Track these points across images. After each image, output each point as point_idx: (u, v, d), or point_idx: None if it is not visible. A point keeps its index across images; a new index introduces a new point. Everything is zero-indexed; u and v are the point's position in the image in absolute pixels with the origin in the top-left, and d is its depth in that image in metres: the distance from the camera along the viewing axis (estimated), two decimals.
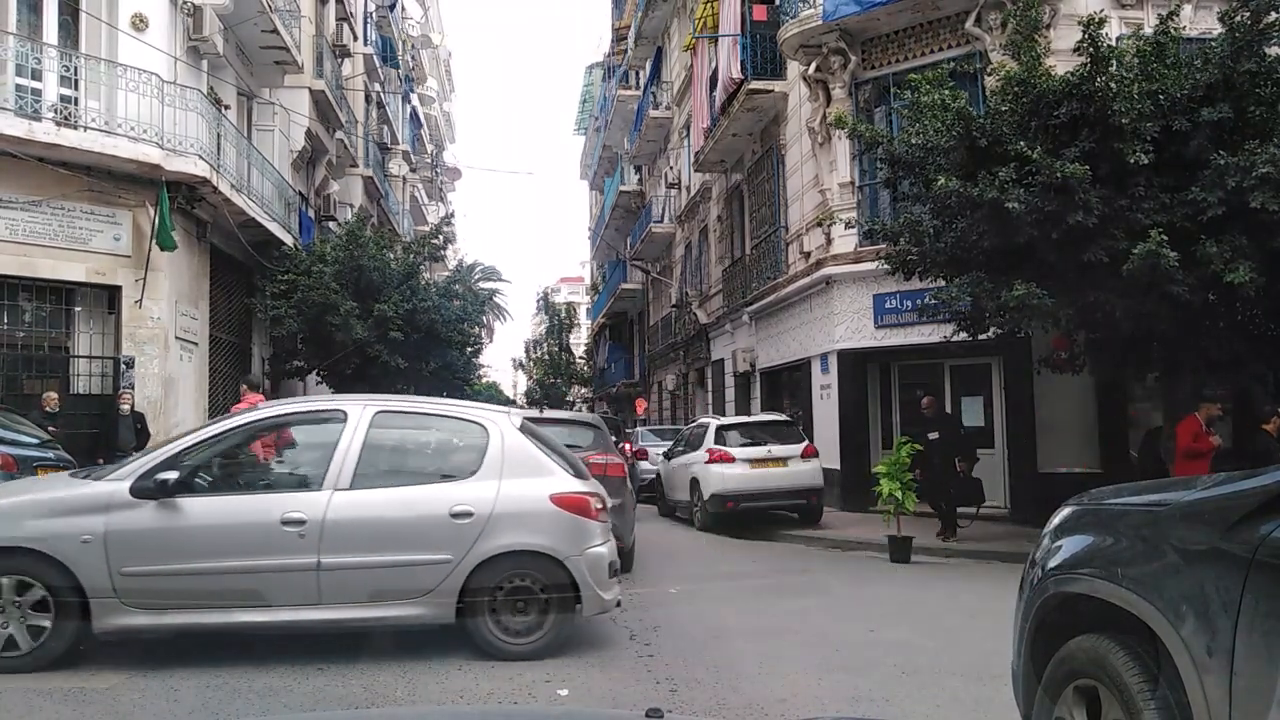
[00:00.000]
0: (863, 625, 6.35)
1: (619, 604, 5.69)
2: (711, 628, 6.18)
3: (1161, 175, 9.00)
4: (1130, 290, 9.02)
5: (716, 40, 19.60)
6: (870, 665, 5.19)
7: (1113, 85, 8.85)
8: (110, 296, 13.09)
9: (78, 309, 12.99)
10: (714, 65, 20.18)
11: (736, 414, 19.11)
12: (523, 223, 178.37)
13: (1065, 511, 3.16)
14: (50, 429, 10.39)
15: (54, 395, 11.55)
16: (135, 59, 12.80)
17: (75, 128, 12.29)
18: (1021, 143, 9.12)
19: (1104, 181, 8.99)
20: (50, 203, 12.31)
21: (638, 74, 33.68)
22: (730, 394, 21.50)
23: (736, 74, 17.42)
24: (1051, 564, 2.97)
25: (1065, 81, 9.28)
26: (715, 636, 5.93)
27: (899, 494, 9.67)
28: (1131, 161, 8.70)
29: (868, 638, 5.96)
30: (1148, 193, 8.96)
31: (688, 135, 25.17)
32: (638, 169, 35.05)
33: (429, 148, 45.50)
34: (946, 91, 10.14)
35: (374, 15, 29.46)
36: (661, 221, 29.27)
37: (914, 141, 9.84)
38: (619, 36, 36.17)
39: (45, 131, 11.90)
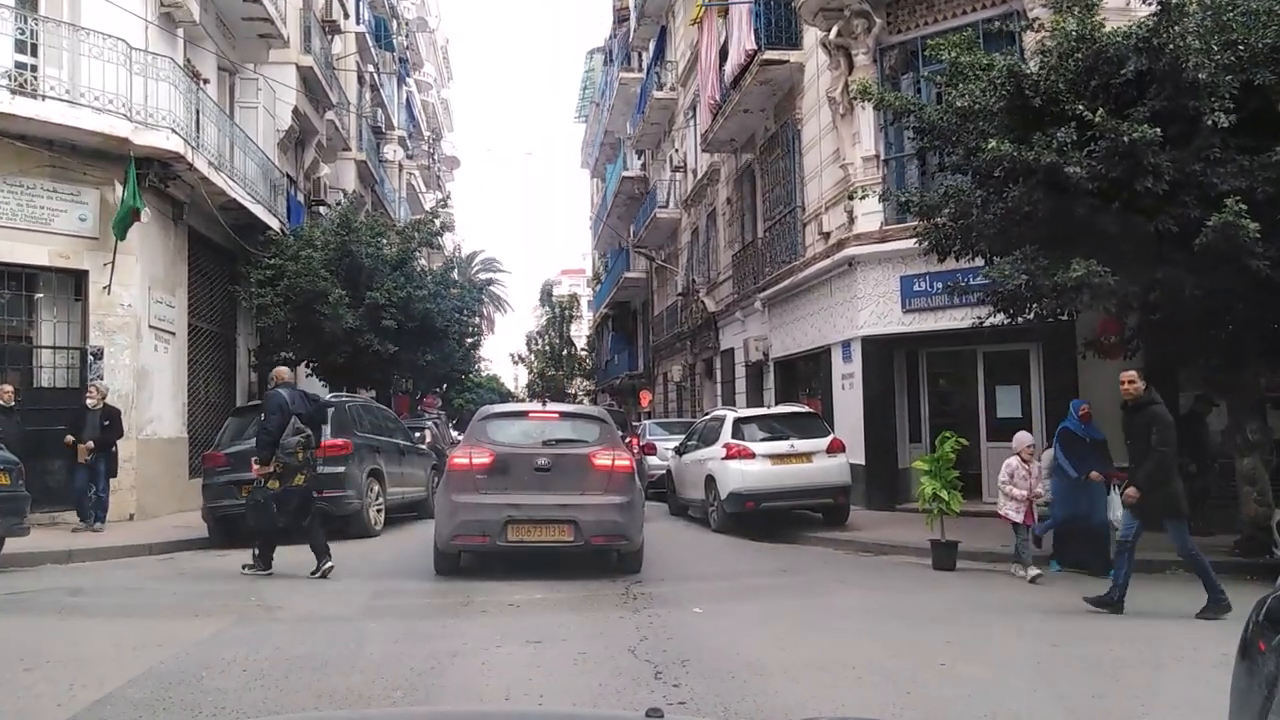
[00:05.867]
0: (927, 656, 5.36)
1: None
2: (749, 661, 5.18)
3: (1239, 136, 7.99)
4: (1201, 265, 8.05)
5: (726, 11, 18.58)
6: (957, 717, 4.21)
7: (1188, 37, 7.83)
8: (76, 282, 12.11)
9: (40, 295, 12.02)
10: (723, 38, 19.16)
11: (748, 406, 18.13)
12: (523, 214, 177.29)
13: None
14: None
15: (9, 388, 10.56)
16: (100, 23, 11.78)
17: (34, 97, 11.31)
18: (1081, 104, 8.12)
19: (1175, 143, 8.00)
20: (7, 179, 11.34)
21: (640, 55, 32.70)
22: (741, 385, 20.52)
23: (750, 44, 16.39)
24: None
25: (1130, 34, 8.29)
26: (756, 673, 4.94)
27: (944, 494, 8.69)
28: (1210, 122, 7.69)
29: (940, 674, 4.98)
30: (1224, 155, 7.95)
31: (694, 116, 24.21)
32: (640, 154, 34.06)
33: (426, 135, 44.44)
34: (984, 54, 9.21)
35: None
36: (666, 206, 28.29)
37: (959, 104, 8.81)
38: (620, 18, 35.14)
39: (1, 101, 10.91)
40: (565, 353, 55.00)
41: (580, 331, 59.99)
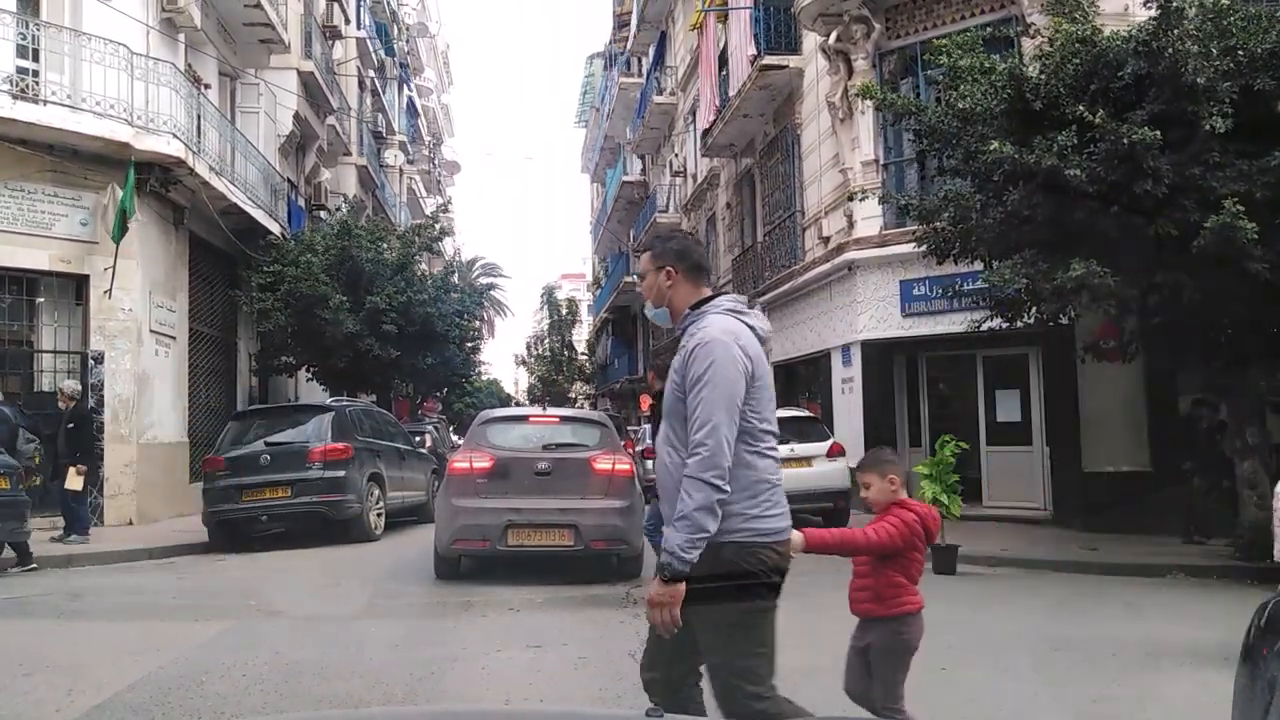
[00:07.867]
0: (928, 660, 5.31)
1: None
2: None
3: (1238, 141, 8.00)
4: (1200, 268, 8.06)
5: (726, 17, 18.62)
6: None
7: (1186, 41, 7.84)
8: (77, 286, 12.12)
9: (40, 300, 12.03)
10: (723, 43, 19.20)
11: None
12: (523, 219, 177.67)
13: None
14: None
15: None
16: (102, 28, 11.81)
17: (35, 102, 11.33)
18: (1081, 106, 8.13)
19: (1174, 147, 8.02)
20: (8, 184, 11.35)
21: (640, 60, 32.73)
22: None
23: (749, 50, 16.42)
24: None
25: (1130, 38, 8.31)
26: None
27: (944, 498, 8.67)
28: (1208, 127, 7.70)
29: (941, 678, 4.97)
30: (1224, 159, 7.96)
31: (694, 120, 24.22)
32: (640, 158, 34.07)
33: (426, 140, 44.49)
34: (983, 55, 9.22)
35: None
36: (666, 211, 28.29)
37: (960, 106, 8.81)
38: (621, 23, 35.19)
39: (1, 106, 10.93)
40: (566, 356, 54.95)
41: (580, 336, 59.93)
